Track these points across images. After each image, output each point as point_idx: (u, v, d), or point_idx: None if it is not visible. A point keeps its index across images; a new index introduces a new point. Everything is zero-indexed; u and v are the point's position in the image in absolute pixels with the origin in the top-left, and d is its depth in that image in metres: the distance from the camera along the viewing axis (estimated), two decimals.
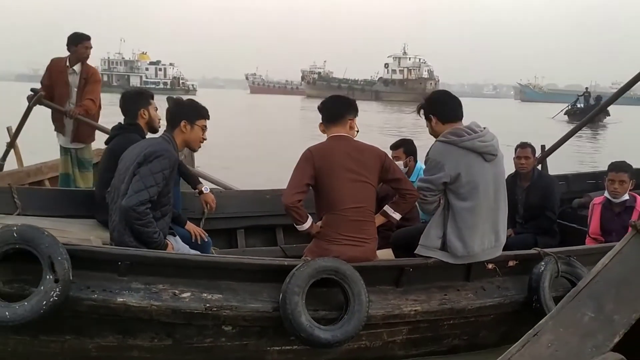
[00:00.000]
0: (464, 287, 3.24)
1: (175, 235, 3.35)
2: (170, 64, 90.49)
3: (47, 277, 2.40)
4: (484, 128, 3.20)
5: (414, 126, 25.56)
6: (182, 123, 3.26)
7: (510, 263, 3.37)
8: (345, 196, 3.02)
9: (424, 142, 3.72)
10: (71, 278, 2.45)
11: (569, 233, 4.74)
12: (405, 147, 4.61)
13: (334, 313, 2.85)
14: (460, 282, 3.25)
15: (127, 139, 3.51)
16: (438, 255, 3.14)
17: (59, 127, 5.52)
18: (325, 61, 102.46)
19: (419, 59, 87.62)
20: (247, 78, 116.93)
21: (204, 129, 3.35)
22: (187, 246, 3.37)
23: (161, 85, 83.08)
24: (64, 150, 5.58)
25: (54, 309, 2.40)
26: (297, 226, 3.11)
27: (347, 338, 2.76)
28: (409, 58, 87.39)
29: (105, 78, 78.63)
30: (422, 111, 3.37)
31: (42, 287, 2.39)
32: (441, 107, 3.30)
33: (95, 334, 2.67)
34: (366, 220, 3.08)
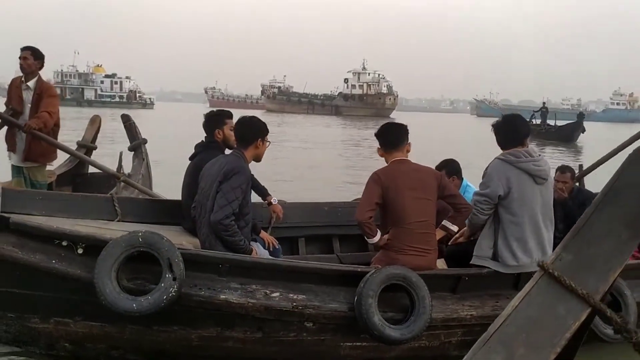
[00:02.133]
0: (513, 295, 3.60)
1: (256, 242, 3.80)
2: (127, 77, 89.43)
3: (167, 275, 2.85)
4: (539, 154, 3.58)
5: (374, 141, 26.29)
6: (259, 141, 3.72)
7: None
8: (410, 212, 3.44)
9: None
10: (184, 277, 2.91)
11: None
12: (448, 168, 4.91)
13: (400, 315, 3.24)
14: (510, 291, 3.62)
15: (210, 155, 3.97)
16: (490, 264, 3.52)
17: (11, 146, 5.21)
18: (285, 76, 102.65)
19: (378, 75, 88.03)
20: (206, 92, 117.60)
21: (269, 142, 3.83)
22: (267, 251, 3.82)
23: (117, 99, 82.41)
24: (17, 170, 5.25)
25: (171, 302, 2.86)
26: (367, 239, 3.54)
27: (414, 337, 3.15)
28: (368, 73, 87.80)
29: (58, 91, 77.18)
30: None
31: (162, 284, 2.84)
32: (501, 133, 3.69)
33: (198, 326, 3.12)
34: (429, 233, 3.49)
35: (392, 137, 3.69)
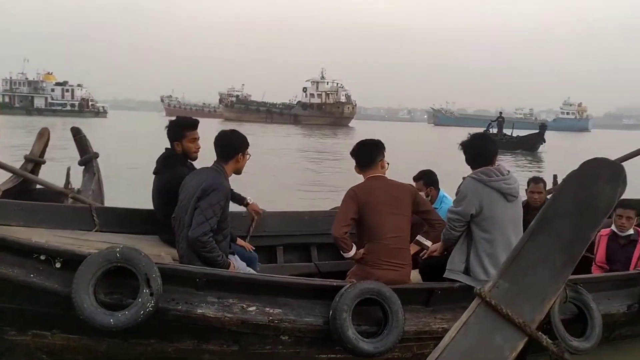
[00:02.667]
0: None
1: (234, 254, 3.85)
2: (78, 85, 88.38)
3: (144, 290, 2.89)
4: (509, 172, 3.69)
5: (333, 152, 26.82)
6: (239, 155, 3.76)
7: None
8: (386, 227, 3.52)
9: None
10: (162, 292, 2.95)
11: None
12: (425, 179, 5.05)
13: (374, 328, 3.32)
14: None
15: (172, 172, 4.04)
16: (462, 278, 3.63)
17: None
18: (243, 84, 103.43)
19: (337, 84, 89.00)
20: (162, 100, 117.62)
21: (249, 155, 3.86)
22: (244, 263, 3.87)
23: (68, 107, 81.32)
24: None
25: (149, 317, 2.90)
26: (343, 254, 3.62)
27: (387, 350, 3.23)
28: (327, 82, 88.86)
29: (6, 99, 77.54)
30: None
31: (139, 299, 2.88)
32: (470, 153, 3.79)
33: (175, 339, 3.16)
34: (403, 248, 3.59)
35: (366, 156, 3.77)
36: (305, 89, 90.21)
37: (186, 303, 3.07)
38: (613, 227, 4.74)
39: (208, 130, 3.86)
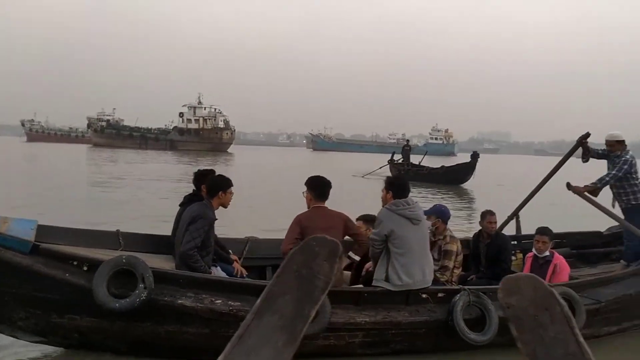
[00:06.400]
0: (403, 309, 4.81)
1: (216, 267, 5.14)
2: None
3: (140, 285, 4.20)
4: (415, 202, 4.84)
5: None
6: (220, 193, 5.08)
7: (439, 294, 4.92)
8: None
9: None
10: (153, 287, 4.24)
11: None
12: (366, 219, 6.18)
13: None
14: (401, 306, 4.81)
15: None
16: (383, 284, 4.75)
17: None
18: (114, 108, 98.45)
19: (215, 109, 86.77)
20: (23, 124, 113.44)
21: (232, 193, 5.15)
22: (224, 273, 5.15)
23: None
24: None
25: (143, 304, 4.18)
26: None
27: (319, 331, 4.36)
28: (205, 108, 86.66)
29: None
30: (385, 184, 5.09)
31: (137, 291, 4.19)
32: (397, 189, 4.96)
33: (164, 323, 4.43)
34: None
35: (322, 192, 5.00)
36: (182, 114, 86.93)
37: (171, 296, 4.34)
38: (534, 250, 5.73)
39: (74, 157, 4.64)
